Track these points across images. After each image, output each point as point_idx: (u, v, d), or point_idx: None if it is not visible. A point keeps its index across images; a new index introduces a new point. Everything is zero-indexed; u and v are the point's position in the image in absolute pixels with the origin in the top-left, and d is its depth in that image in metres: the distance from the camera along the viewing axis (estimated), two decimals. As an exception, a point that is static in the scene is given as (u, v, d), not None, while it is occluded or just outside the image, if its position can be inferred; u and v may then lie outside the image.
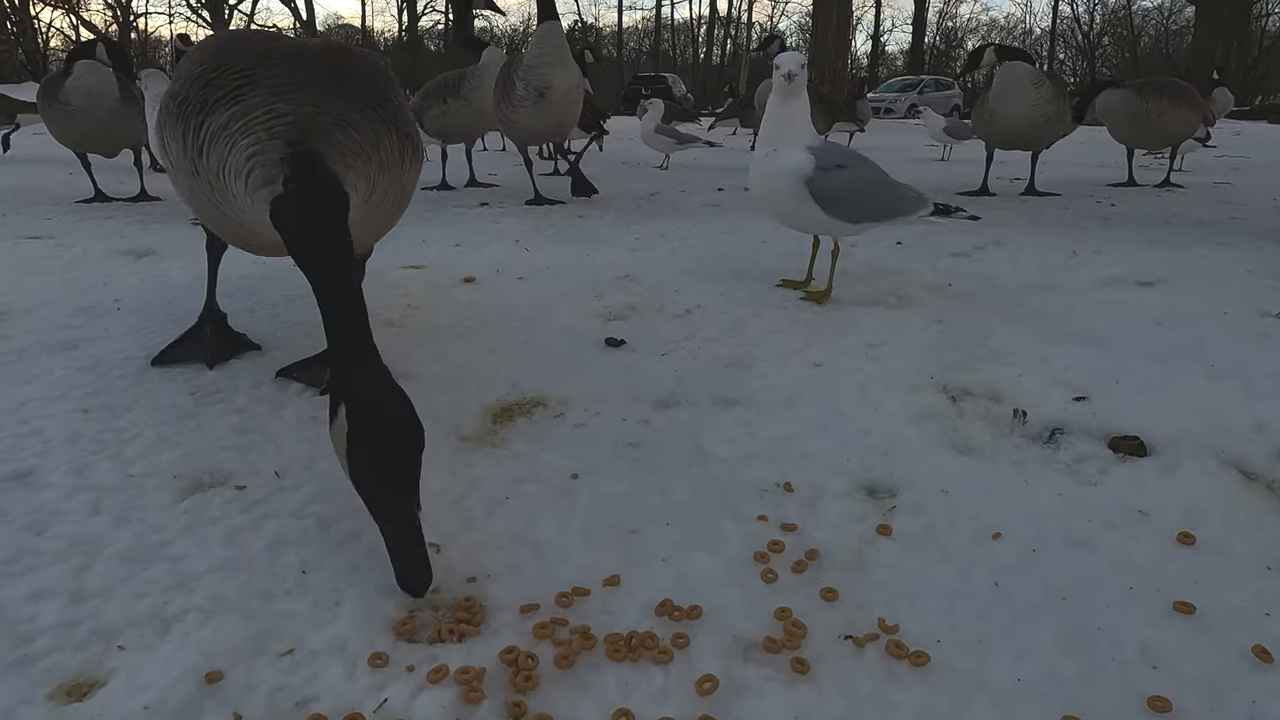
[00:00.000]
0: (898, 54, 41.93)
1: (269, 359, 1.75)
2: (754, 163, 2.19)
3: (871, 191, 2.14)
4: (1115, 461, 1.39)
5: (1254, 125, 10.79)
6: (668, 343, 1.91)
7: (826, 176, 2.08)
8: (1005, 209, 3.97)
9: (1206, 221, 3.51)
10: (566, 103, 3.80)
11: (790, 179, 2.09)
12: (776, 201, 2.17)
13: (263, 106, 1.26)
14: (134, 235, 3.11)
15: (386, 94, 1.42)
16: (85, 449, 1.36)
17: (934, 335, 1.98)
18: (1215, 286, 2.39)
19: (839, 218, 2.12)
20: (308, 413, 1.52)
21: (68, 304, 2.10)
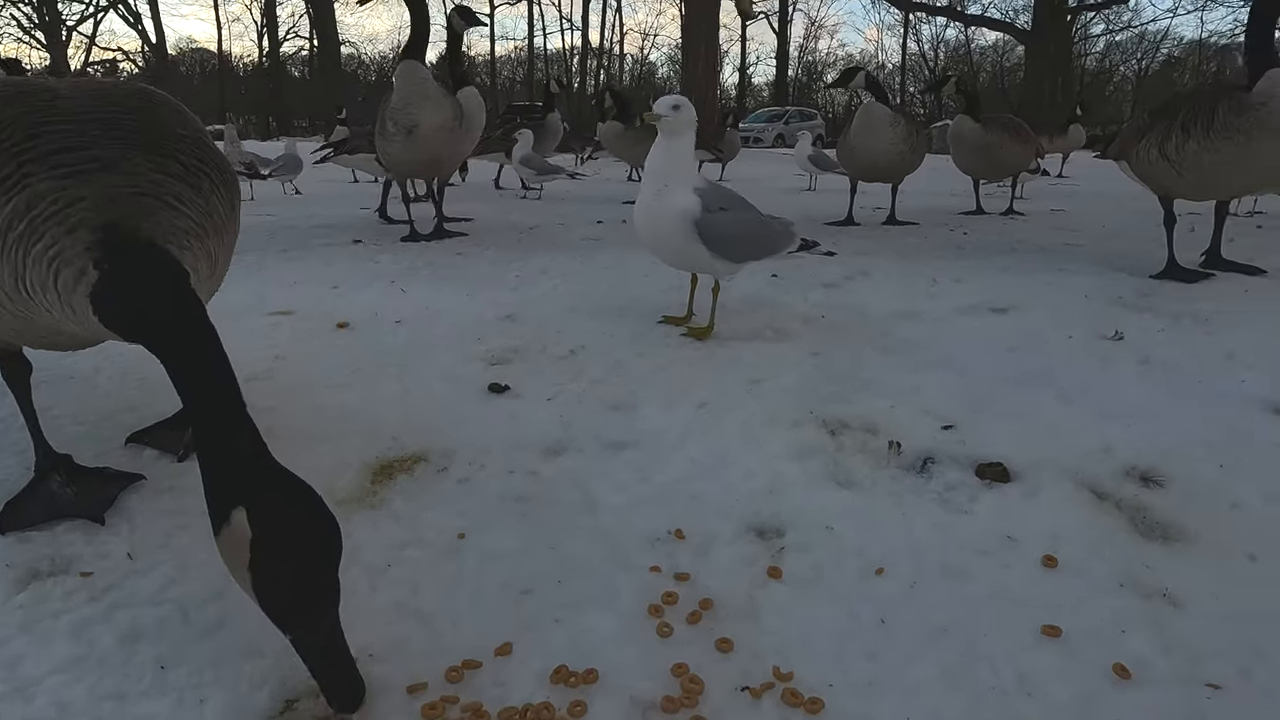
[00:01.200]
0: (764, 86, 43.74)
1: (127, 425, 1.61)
2: (640, 203, 2.21)
3: (751, 231, 2.20)
4: (983, 488, 1.46)
5: (1081, 154, 11.93)
6: (553, 386, 1.89)
7: (712, 218, 2.12)
8: (870, 239, 4.18)
9: (1048, 249, 3.81)
10: (438, 139, 3.76)
11: (679, 221, 2.12)
12: (665, 242, 2.20)
13: (52, 194, 1.00)
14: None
15: (201, 142, 1.19)
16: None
17: (811, 368, 2.04)
18: (1060, 312, 2.59)
19: (723, 257, 2.17)
20: (164, 482, 1.40)
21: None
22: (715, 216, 2.12)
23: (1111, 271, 3.13)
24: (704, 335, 2.28)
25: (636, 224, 2.23)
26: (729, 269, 2.22)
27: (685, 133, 2.15)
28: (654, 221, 2.16)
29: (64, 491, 1.31)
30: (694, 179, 2.16)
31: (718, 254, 2.15)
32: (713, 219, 2.11)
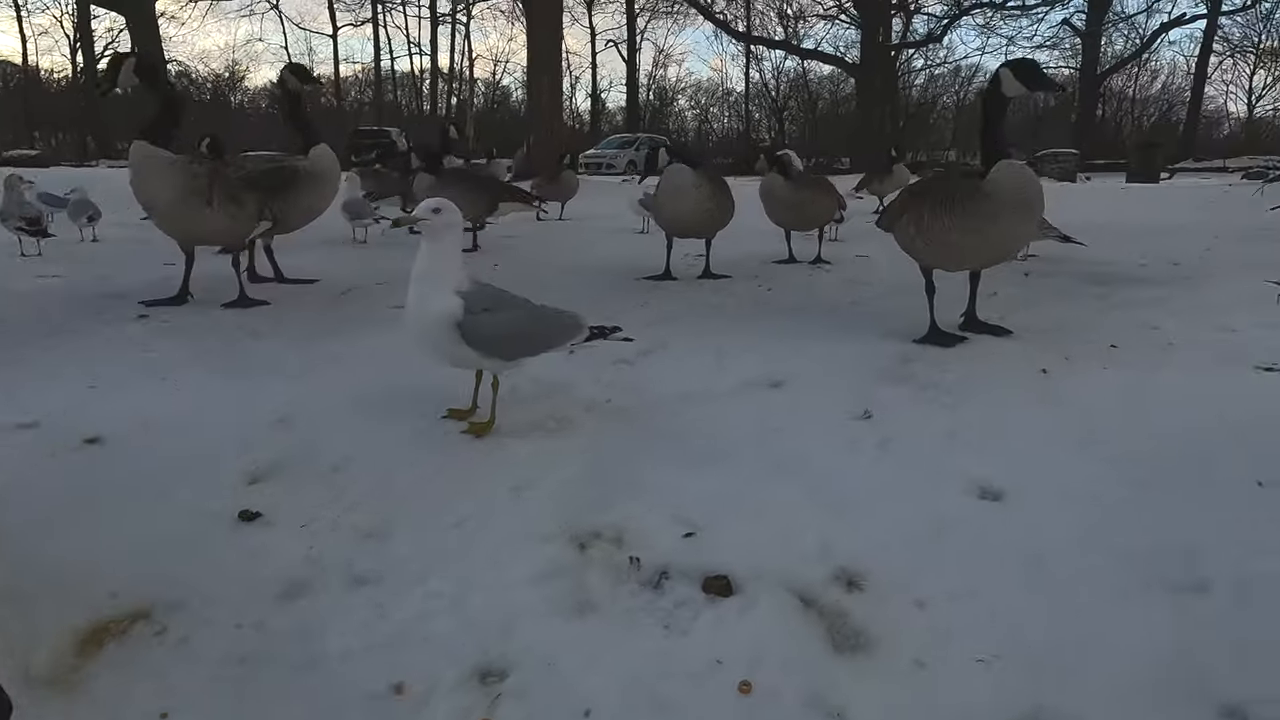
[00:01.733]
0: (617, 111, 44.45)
1: None
2: (407, 306, 2.22)
3: (522, 330, 2.26)
4: (706, 605, 1.56)
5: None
6: (309, 510, 1.86)
7: (476, 320, 2.16)
8: (679, 298, 4.33)
9: (835, 308, 4.10)
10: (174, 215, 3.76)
11: (443, 325, 2.15)
12: (431, 344, 2.22)
13: None
14: None
15: None
16: None
17: (581, 468, 2.11)
18: (827, 386, 2.79)
19: (493, 356, 2.22)
20: None
21: None
22: (479, 318, 2.16)
23: (883, 336, 3.40)
24: (484, 431, 2.31)
25: (406, 327, 2.24)
26: (502, 366, 2.27)
27: (447, 235, 2.18)
28: (419, 325, 2.18)
29: None
30: (458, 281, 2.19)
31: (485, 354, 2.19)
32: (477, 321, 2.15)
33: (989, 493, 2.00)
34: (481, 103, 42.73)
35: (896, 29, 32.67)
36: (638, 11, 35.96)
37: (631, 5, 35.58)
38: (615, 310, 3.94)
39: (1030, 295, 4.39)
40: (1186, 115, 31.98)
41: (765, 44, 34.55)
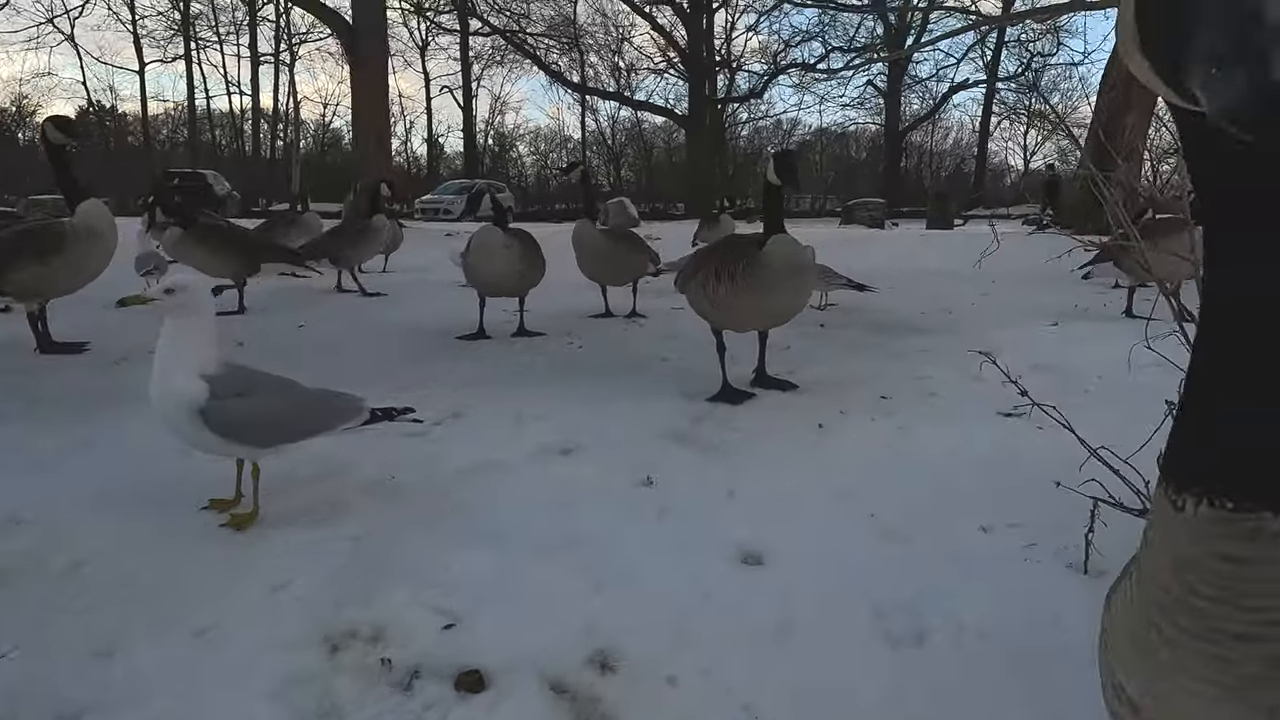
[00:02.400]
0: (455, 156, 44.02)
1: None
2: (153, 388, 2.08)
3: (280, 416, 2.16)
4: (457, 702, 1.53)
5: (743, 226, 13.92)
6: (25, 630, 1.67)
7: (223, 405, 2.04)
8: (484, 361, 4.26)
9: (639, 365, 4.21)
10: None
11: (183, 410, 2.02)
12: (176, 429, 2.09)
13: None
14: None
15: None
16: None
17: (347, 558, 2.03)
18: (619, 451, 2.84)
19: (244, 443, 2.10)
20: None
21: None
22: (226, 404, 2.04)
23: (681, 395, 3.53)
24: (246, 523, 2.18)
25: (153, 408, 2.09)
26: (257, 453, 2.16)
27: (188, 315, 2.06)
28: (161, 410, 2.06)
29: None
30: (204, 363, 2.07)
31: (235, 441, 2.08)
32: (223, 406, 2.04)
33: (752, 557, 2.09)
34: (311, 145, 41.12)
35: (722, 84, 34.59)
36: (472, 60, 36.05)
37: (466, 53, 35.62)
38: (422, 375, 3.87)
39: (821, 347, 4.70)
40: (975, 168, 35.75)
41: (598, 95, 35.60)
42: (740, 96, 35.44)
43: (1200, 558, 0.63)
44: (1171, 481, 0.66)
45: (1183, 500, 0.65)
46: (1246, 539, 0.62)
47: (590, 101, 37.97)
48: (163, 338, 2.07)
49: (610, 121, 42.25)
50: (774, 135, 42.82)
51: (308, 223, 8.35)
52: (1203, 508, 0.63)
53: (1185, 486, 0.65)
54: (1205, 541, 0.63)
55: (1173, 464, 0.67)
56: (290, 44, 34.66)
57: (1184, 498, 0.65)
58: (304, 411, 2.22)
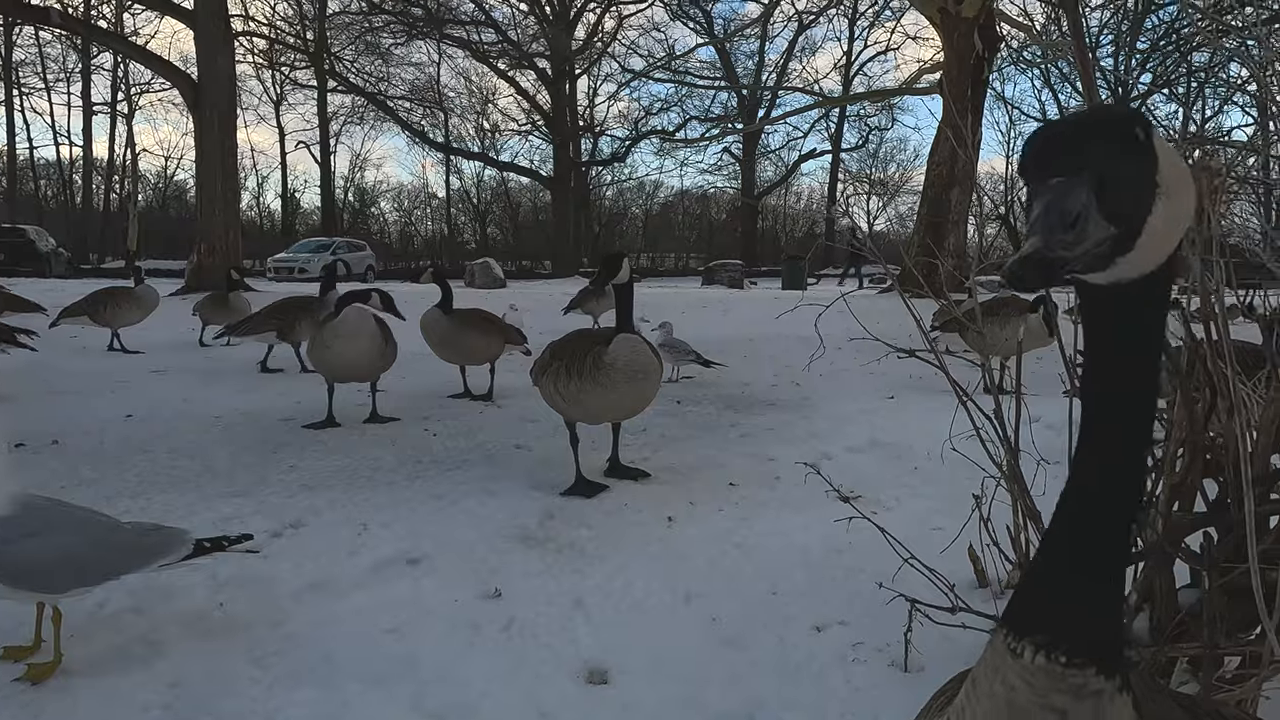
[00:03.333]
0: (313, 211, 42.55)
1: None
2: None
3: (80, 558, 2.00)
4: None
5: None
6: None
7: (14, 550, 1.87)
8: (333, 456, 4.08)
9: (497, 454, 4.17)
10: None
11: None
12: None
13: None
14: None
15: None
16: None
17: (160, 711, 1.89)
18: (466, 558, 2.79)
19: (35, 589, 1.94)
20: None
21: None
22: (15, 545, 1.87)
23: (534, 488, 3.52)
24: (44, 675, 1.98)
25: None
26: (52, 598, 1.99)
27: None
28: None
29: None
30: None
31: (26, 587, 1.91)
32: (13, 550, 1.87)
33: (597, 675, 2.10)
34: (151, 198, 38.64)
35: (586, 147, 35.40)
36: (330, 116, 35.23)
37: (324, 109, 34.78)
38: (260, 476, 3.68)
39: (676, 427, 4.83)
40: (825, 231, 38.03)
41: (462, 155, 35.58)
42: (604, 160, 36.37)
43: (1030, 706, 0.71)
44: (1013, 628, 0.73)
45: (1021, 647, 0.72)
46: (1072, 694, 0.70)
47: (455, 161, 37.89)
48: None
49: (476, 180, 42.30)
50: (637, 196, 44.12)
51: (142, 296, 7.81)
52: (1039, 658, 0.71)
53: (1026, 633, 0.72)
54: (1038, 692, 0.70)
55: (1018, 612, 0.74)
56: (129, 93, 32.71)
57: (1023, 645, 0.71)
58: (110, 551, 2.06)
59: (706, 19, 32.38)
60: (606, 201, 41.93)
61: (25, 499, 1.97)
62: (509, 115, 35.51)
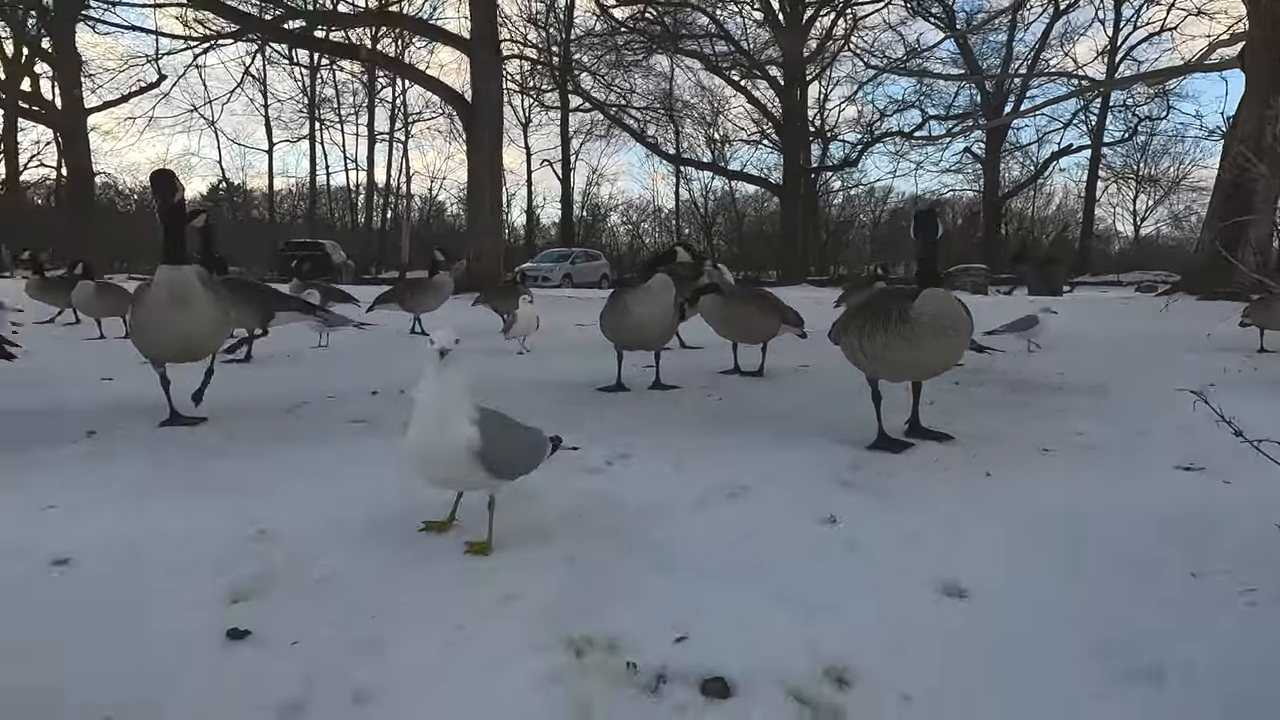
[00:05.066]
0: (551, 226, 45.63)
1: None
2: (414, 438, 2.23)
3: (522, 451, 2.40)
4: (706, 707, 1.62)
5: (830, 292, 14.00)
6: (300, 626, 1.85)
7: (492, 445, 2.22)
8: (634, 410, 4.43)
9: (783, 416, 4.27)
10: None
11: (461, 454, 2.19)
12: (447, 473, 2.28)
13: None
14: None
15: None
16: None
17: (565, 578, 2.16)
18: (788, 493, 2.91)
19: (501, 477, 2.30)
20: None
21: None
22: (492, 442, 2.23)
23: (833, 443, 3.58)
24: (484, 550, 2.32)
25: (410, 455, 2.27)
26: (504, 485, 2.35)
27: (453, 367, 2.24)
28: (434, 453, 2.22)
29: None
30: (469, 409, 2.24)
31: (497, 475, 2.29)
32: (491, 445, 2.22)
33: (954, 590, 2.12)
34: (418, 217, 43.38)
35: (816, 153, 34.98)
36: (571, 135, 37.65)
37: (566, 128, 37.25)
38: (575, 421, 4.04)
39: (962, 403, 4.67)
40: (1080, 234, 34.73)
41: (693, 165, 36.48)
42: (834, 165, 35.72)
43: None
44: None
45: None
46: None
47: (684, 172, 38.98)
48: (428, 390, 2.22)
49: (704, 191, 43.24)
50: (867, 202, 42.88)
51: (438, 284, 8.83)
52: None
53: None
54: None
55: None
56: (406, 123, 36.95)
57: None
58: (533, 444, 2.44)
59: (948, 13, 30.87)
60: (833, 209, 41.18)
61: (483, 410, 2.32)
62: (738, 125, 36.03)
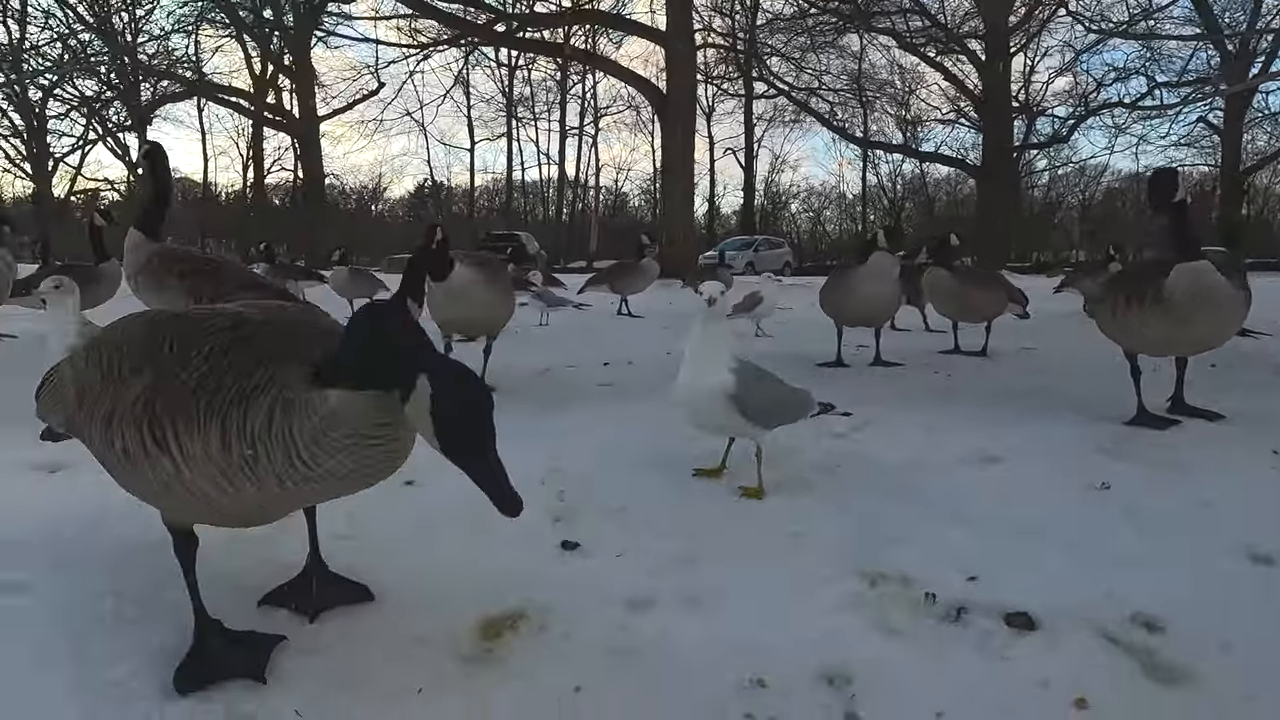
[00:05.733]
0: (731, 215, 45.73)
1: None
2: (682, 382, 2.47)
3: (781, 401, 2.54)
4: (1014, 636, 1.69)
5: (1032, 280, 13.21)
6: (618, 543, 2.11)
7: (748, 392, 2.41)
8: (863, 384, 4.48)
9: (1024, 393, 4.15)
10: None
11: (720, 398, 2.40)
12: (708, 416, 2.49)
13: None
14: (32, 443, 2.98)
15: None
16: (92, 706, 1.38)
17: (840, 521, 2.29)
18: (1048, 461, 2.87)
19: (759, 425, 2.47)
20: (305, 643, 1.59)
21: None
22: (749, 391, 2.41)
23: (1087, 419, 3.46)
24: (757, 494, 2.51)
25: (679, 401, 2.50)
26: (763, 434, 2.51)
27: (720, 319, 2.45)
28: (696, 398, 2.44)
29: (225, 654, 1.49)
30: (729, 359, 2.44)
31: (755, 422, 2.45)
32: (747, 393, 2.40)
33: (1260, 558, 2.04)
34: (604, 209, 44.94)
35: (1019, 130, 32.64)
36: (755, 121, 37.52)
37: (750, 115, 37.18)
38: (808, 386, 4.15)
39: (1223, 385, 4.32)
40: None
41: (883, 148, 35.19)
42: (1042, 143, 33.17)
43: None
44: None
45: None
46: None
47: (873, 156, 37.78)
48: (695, 339, 2.46)
49: (892, 175, 41.68)
50: (1076, 182, 39.58)
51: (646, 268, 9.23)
52: None
53: None
54: None
55: None
56: (595, 116, 38.35)
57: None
58: (795, 398, 2.58)
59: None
60: (1037, 190, 38.35)
61: (742, 361, 2.51)
62: (931, 104, 34.35)
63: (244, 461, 1.30)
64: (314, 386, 1.32)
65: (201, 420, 1.31)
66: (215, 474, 1.32)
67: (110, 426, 1.37)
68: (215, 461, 1.31)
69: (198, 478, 1.33)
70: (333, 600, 1.73)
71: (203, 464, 1.31)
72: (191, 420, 1.31)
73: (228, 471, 1.31)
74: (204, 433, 1.31)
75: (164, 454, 1.33)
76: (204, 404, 1.32)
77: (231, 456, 1.30)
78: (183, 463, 1.32)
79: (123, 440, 1.35)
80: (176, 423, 1.32)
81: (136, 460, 1.35)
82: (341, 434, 1.31)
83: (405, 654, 1.57)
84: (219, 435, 1.30)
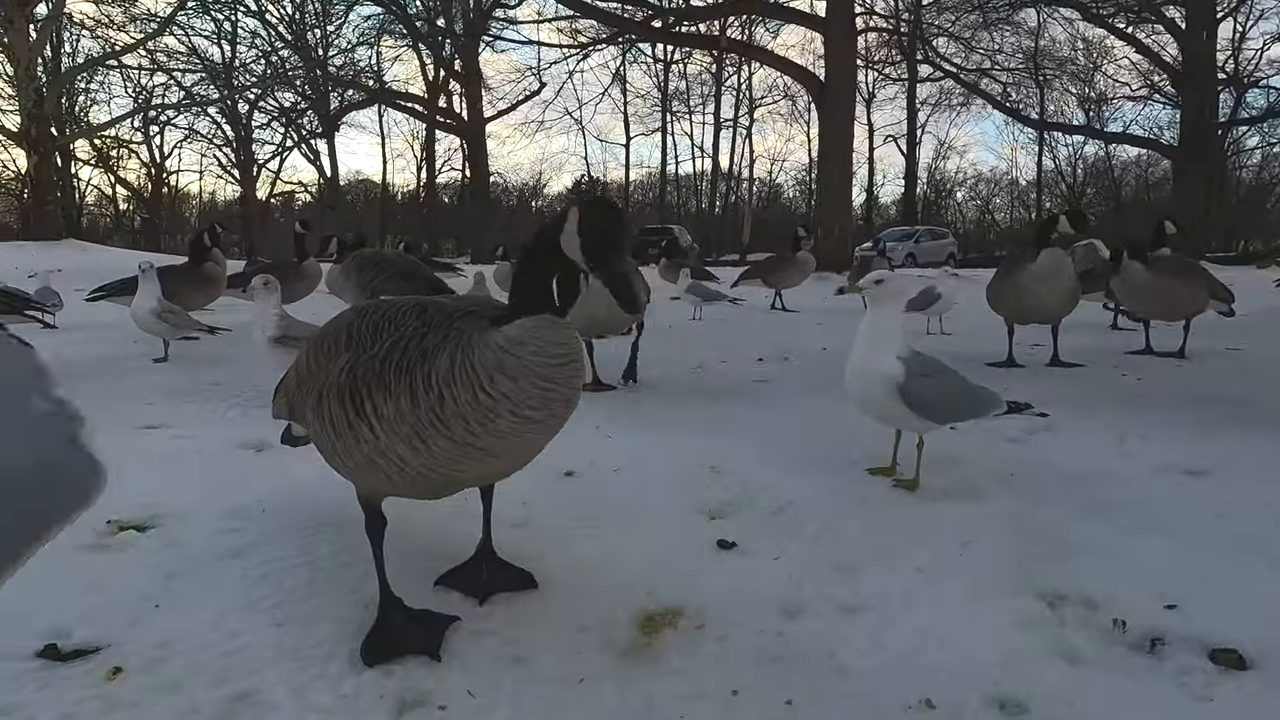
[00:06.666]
0: (890, 205, 43.95)
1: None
2: (851, 367, 2.45)
3: (954, 397, 2.42)
4: (1220, 675, 1.52)
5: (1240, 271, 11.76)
6: (775, 545, 2.08)
7: (916, 383, 2.33)
8: (1041, 386, 4.17)
9: (1230, 401, 3.73)
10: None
11: (885, 386, 2.35)
12: (873, 404, 2.43)
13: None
14: (241, 423, 3.33)
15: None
16: (291, 666, 1.51)
17: (1013, 531, 2.15)
18: (1264, 475, 2.57)
19: (927, 418, 2.37)
20: (477, 624, 1.67)
21: (215, 505, 2.29)
22: (918, 381, 2.32)
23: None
24: (912, 487, 2.44)
25: (847, 384, 2.46)
26: (931, 427, 2.41)
27: (889, 303, 2.38)
28: (863, 385, 2.39)
29: (406, 631, 1.60)
30: (899, 347, 2.37)
31: (922, 415, 2.35)
32: (916, 383, 2.31)
33: None
34: (757, 201, 44.44)
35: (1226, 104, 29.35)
36: (918, 106, 35.82)
37: (912, 100, 35.54)
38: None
39: None
40: None
41: (1062, 130, 32.68)
42: (1254, 118, 29.64)
43: None
44: None
45: None
46: None
47: (1049, 139, 35.13)
48: (865, 326, 2.41)
49: (1071, 159, 38.61)
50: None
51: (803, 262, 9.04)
52: None
53: None
54: None
55: None
56: (751, 108, 37.93)
57: None
58: (970, 395, 2.44)
59: None
60: (1245, 172, 34.30)
61: (913, 351, 2.42)
62: (1119, 80, 31.43)
63: (433, 414, 1.42)
64: (490, 329, 1.47)
65: (391, 381, 1.45)
66: (408, 432, 1.44)
67: (320, 401, 1.55)
68: (406, 419, 1.44)
69: (394, 441, 1.45)
70: (501, 585, 1.81)
71: (395, 424, 1.44)
72: (383, 384, 1.46)
73: (418, 427, 1.43)
74: (394, 394, 1.45)
75: (362, 420, 1.47)
76: (393, 366, 1.46)
77: (420, 411, 1.42)
78: (379, 426, 1.46)
79: (329, 412, 1.52)
80: (372, 389, 1.47)
81: (341, 432, 1.51)
82: (520, 359, 1.42)
83: (567, 643, 1.62)
84: (408, 393, 1.44)
